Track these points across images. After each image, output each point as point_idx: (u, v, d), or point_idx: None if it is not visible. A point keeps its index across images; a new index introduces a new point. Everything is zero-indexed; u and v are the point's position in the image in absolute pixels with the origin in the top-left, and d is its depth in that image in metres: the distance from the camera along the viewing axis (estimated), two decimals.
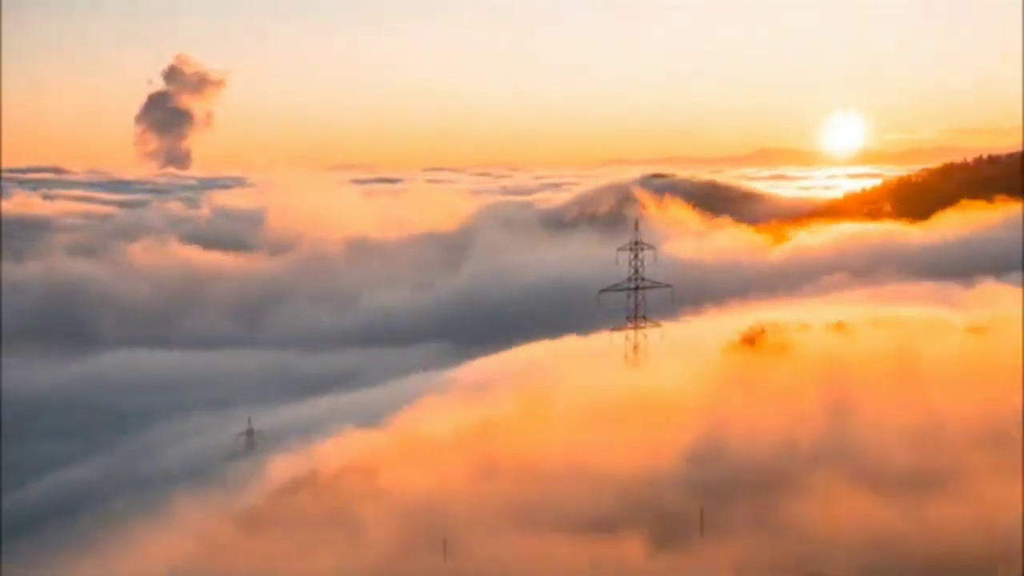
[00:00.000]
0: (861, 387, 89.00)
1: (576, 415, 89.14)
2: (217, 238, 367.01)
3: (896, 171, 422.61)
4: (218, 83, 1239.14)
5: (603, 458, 77.78)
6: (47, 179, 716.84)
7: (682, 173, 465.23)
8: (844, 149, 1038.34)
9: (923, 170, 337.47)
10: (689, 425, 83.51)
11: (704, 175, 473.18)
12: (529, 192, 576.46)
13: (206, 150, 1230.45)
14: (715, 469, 74.58)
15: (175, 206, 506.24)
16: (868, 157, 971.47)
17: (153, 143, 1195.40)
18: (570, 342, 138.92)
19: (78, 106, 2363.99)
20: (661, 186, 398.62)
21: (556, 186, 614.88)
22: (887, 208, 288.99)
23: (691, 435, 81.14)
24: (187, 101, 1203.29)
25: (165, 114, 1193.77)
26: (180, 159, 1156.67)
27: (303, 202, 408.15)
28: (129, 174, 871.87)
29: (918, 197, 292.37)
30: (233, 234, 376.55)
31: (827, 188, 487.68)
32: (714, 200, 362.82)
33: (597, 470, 75.60)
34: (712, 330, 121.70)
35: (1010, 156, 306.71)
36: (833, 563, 61.13)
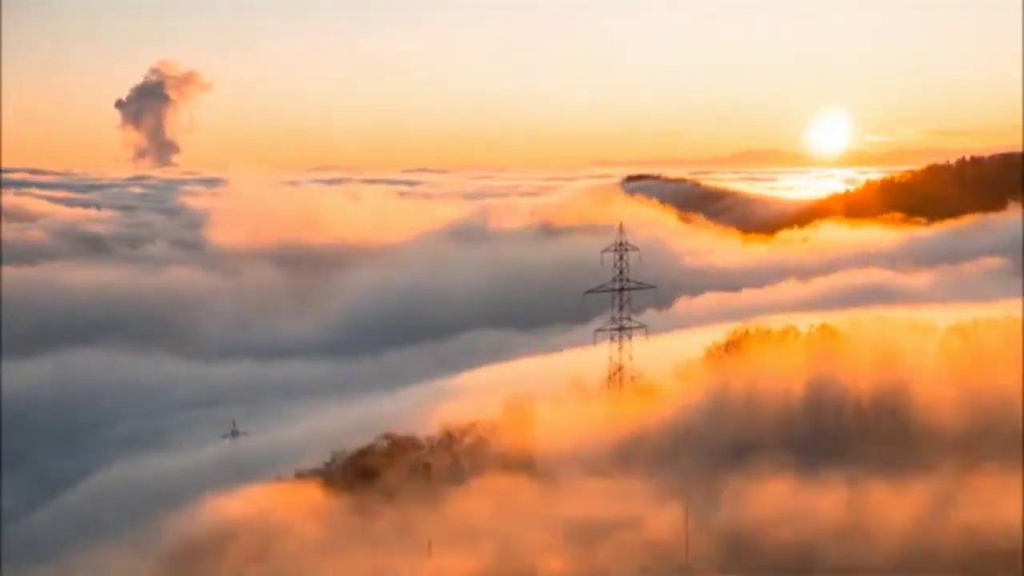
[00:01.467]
0: (847, 387, 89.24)
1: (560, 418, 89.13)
2: (160, 239, 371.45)
3: (880, 172, 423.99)
4: (202, 85, 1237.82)
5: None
6: (16, 179, 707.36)
7: (667, 175, 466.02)
8: (828, 150, 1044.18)
9: (907, 171, 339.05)
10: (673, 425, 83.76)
11: (689, 177, 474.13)
12: (512, 193, 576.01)
13: (189, 151, 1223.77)
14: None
15: (129, 207, 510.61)
16: (852, 158, 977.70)
17: (134, 144, 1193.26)
18: (553, 344, 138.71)
19: (59, 107, 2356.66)
20: (646, 188, 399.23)
21: (541, 187, 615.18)
22: (871, 209, 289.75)
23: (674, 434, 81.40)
24: (169, 103, 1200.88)
25: (147, 116, 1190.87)
26: (161, 160, 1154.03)
27: (256, 205, 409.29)
28: (106, 175, 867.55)
29: (902, 198, 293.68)
30: (176, 236, 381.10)
31: (812, 189, 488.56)
32: (699, 201, 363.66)
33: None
34: (696, 331, 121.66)
35: (992, 158, 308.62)
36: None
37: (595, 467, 76.28)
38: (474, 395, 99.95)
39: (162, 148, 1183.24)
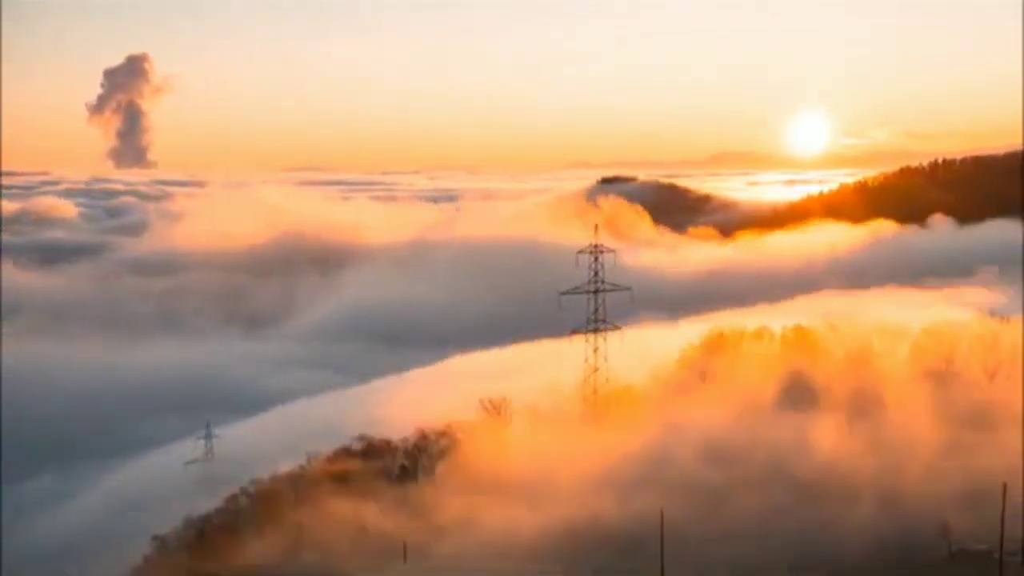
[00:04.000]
0: (818, 389, 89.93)
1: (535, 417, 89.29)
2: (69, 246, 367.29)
3: (854, 174, 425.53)
4: (172, 88, 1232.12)
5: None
6: None
7: (643, 177, 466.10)
8: (803, 152, 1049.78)
9: (880, 174, 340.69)
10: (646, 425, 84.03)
11: (664, 179, 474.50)
12: (486, 195, 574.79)
13: (158, 153, 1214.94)
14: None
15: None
16: (827, 160, 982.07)
17: (105, 145, 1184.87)
18: (528, 346, 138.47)
19: (29, 106, 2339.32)
20: (622, 190, 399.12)
21: (516, 189, 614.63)
22: (844, 212, 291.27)
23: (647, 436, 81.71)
24: (141, 105, 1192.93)
25: (117, 118, 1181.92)
26: (130, 161, 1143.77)
27: (212, 207, 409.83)
28: (66, 176, 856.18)
29: (876, 200, 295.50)
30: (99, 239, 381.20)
31: (786, 191, 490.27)
32: (674, 203, 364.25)
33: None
34: (671, 333, 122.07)
35: (964, 160, 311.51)
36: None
37: (570, 467, 76.45)
38: (449, 398, 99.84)
39: (132, 149, 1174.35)
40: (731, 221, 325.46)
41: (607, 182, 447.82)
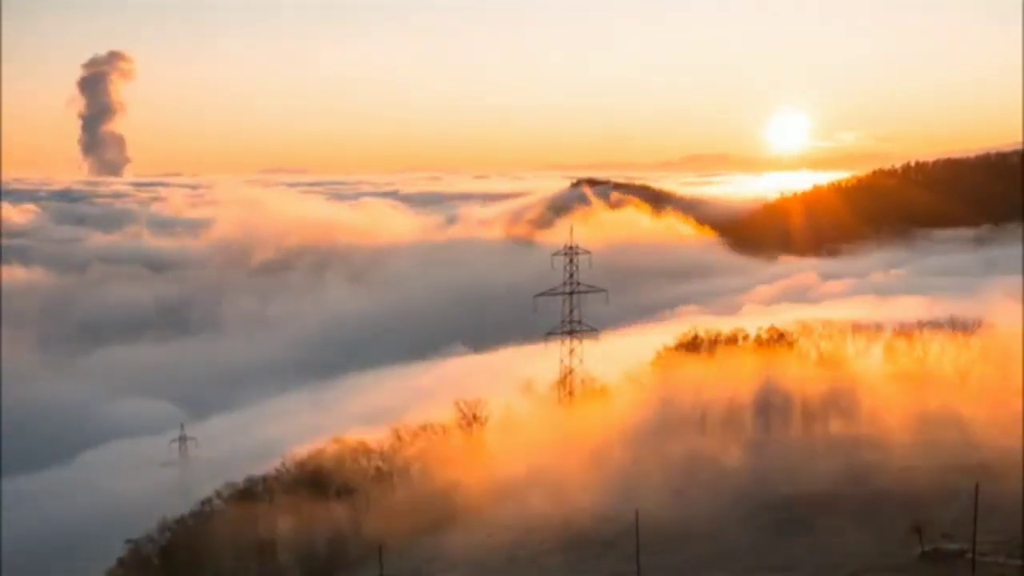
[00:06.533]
0: (794, 389, 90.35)
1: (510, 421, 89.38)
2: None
3: (827, 176, 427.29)
4: (146, 86, 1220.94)
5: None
6: None
7: (617, 179, 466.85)
8: (778, 154, 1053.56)
9: (853, 176, 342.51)
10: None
11: (638, 180, 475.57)
12: (461, 198, 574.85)
13: (135, 152, 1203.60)
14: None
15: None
16: (802, 162, 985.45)
17: (75, 143, 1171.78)
18: (503, 348, 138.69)
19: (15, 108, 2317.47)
20: (596, 192, 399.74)
21: (491, 191, 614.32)
22: (820, 212, 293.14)
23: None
24: (112, 102, 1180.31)
25: (86, 114, 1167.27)
26: (101, 160, 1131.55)
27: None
28: (26, 177, 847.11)
29: (852, 202, 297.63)
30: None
31: (760, 193, 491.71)
32: (648, 205, 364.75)
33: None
34: (647, 335, 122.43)
35: (935, 163, 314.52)
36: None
37: (545, 468, 76.55)
38: (424, 400, 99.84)
39: (102, 149, 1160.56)
40: (709, 222, 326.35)
41: (582, 184, 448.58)
